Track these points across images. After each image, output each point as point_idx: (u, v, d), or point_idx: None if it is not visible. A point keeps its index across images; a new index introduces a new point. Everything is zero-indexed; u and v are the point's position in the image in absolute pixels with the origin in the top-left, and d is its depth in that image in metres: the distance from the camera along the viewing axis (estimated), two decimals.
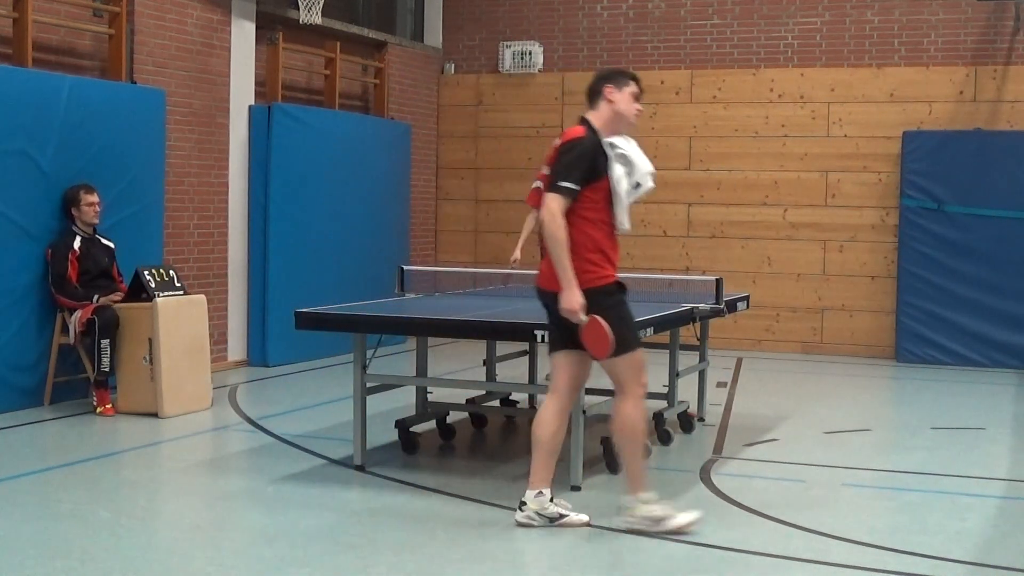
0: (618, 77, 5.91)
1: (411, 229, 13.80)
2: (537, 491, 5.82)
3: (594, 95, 5.88)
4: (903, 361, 12.46)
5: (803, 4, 13.24)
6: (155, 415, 8.53)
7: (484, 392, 8.43)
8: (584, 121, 5.85)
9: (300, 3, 11.63)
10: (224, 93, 11.06)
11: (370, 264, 12.39)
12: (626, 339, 5.67)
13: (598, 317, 5.57)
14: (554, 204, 5.59)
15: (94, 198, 8.88)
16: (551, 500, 5.85)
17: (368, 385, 7.07)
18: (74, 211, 8.85)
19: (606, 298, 5.67)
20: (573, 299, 5.57)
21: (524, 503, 5.85)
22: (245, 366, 11.32)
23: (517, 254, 9.71)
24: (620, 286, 5.78)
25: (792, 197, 13.11)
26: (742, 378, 10.33)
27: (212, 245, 11.03)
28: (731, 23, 13.50)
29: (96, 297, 8.73)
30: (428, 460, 7.48)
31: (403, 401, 8.64)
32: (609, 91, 5.84)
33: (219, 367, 10.68)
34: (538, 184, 9.88)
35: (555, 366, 5.89)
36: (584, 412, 6.61)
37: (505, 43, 14.24)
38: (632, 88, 5.89)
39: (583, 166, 5.65)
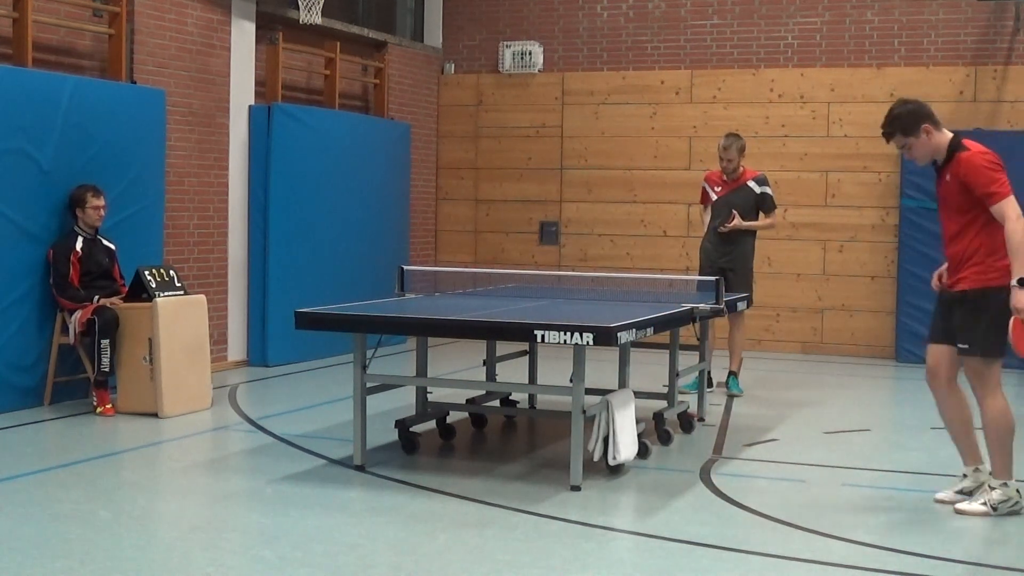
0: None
1: (411, 229, 13.80)
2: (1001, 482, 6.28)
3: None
4: (903, 361, 12.46)
5: (803, 4, 13.25)
6: (155, 415, 8.53)
7: (484, 392, 8.43)
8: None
9: (300, 3, 11.63)
10: (224, 93, 11.06)
11: (370, 264, 12.39)
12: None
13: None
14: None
15: (100, 202, 8.88)
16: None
17: (368, 385, 7.07)
18: (78, 212, 8.84)
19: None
20: None
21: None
22: (245, 366, 11.32)
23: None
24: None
25: (792, 197, 13.11)
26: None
27: (212, 245, 11.03)
28: (731, 23, 13.50)
29: (96, 298, 8.73)
30: (428, 460, 7.48)
31: (403, 401, 8.64)
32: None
33: (219, 367, 10.68)
34: (704, 185, 10.23)
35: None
36: (584, 412, 6.61)
37: (505, 43, 14.24)
38: None
39: None
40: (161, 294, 8.70)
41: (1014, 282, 5.95)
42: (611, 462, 6.89)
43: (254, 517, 6.14)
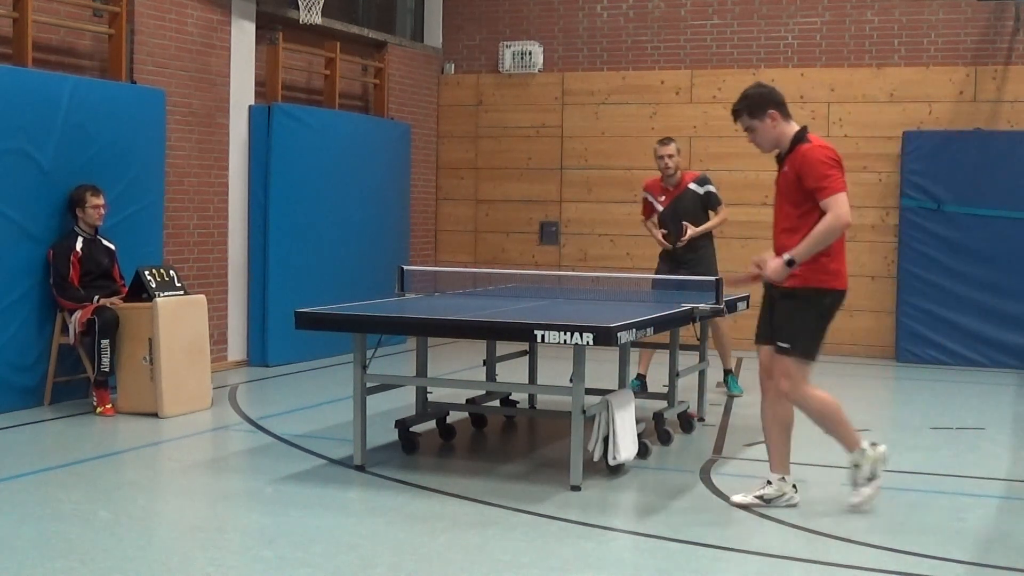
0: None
1: (411, 229, 13.80)
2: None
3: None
4: (903, 361, 12.46)
5: (803, 4, 13.25)
6: (155, 415, 8.53)
7: (484, 392, 8.43)
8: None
9: (300, 3, 11.63)
10: (224, 93, 11.06)
11: (370, 264, 12.39)
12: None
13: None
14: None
15: (100, 200, 8.88)
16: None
17: (368, 385, 7.07)
18: (79, 212, 8.84)
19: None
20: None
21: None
22: (245, 366, 11.32)
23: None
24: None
25: None
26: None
27: (212, 245, 11.03)
28: (731, 23, 13.50)
29: (96, 297, 8.73)
30: (428, 460, 7.48)
31: (403, 401, 8.64)
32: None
33: (219, 367, 10.68)
34: (646, 196, 9.96)
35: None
36: (584, 412, 6.61)
37: (505, 43, 14.24)
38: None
39: None
40: (161, 294, 8.70)
41: (786, 256, 6.01)
42: (611, 462, 6.90)
43: (254, 517, 6.14)
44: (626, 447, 6.93)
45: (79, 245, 8.80)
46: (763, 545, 5.66)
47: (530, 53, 14.09)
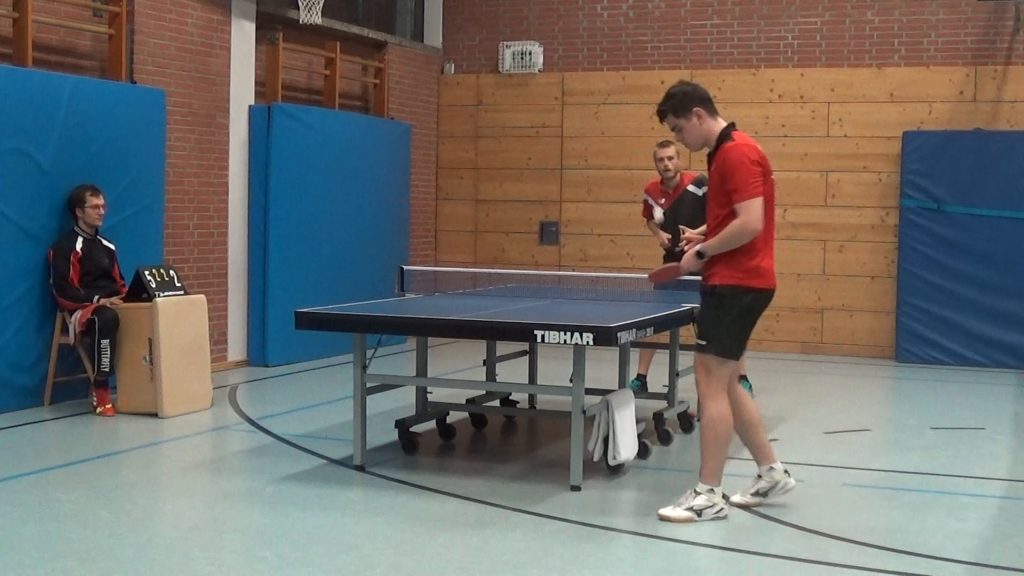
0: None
1: (411, 229, 13.80)
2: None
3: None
4: (903, 361, 12.47)
5: (803, 4, 13.25)
6: (155, 415, 8.53)
7: (484, 392, 8.43)
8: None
9: (300, 3, 11.63)
10: (224, 93, 11.06)
11: (370, 264, 12.39)
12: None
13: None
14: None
15: (100, 200, 8.88)
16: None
17: (368, 385, 7.07)
18: (78, 212, 8.84)
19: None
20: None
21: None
22: (245, 366, 11.32)
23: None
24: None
25: (792, 197, 13.10)
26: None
27: (212, 245, 11.03)
28: (731, 23, 13.50)
29: (96, 298, 8.73)
30: (428, 460, 7.48)
31: (403, 401, 8.64)
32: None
33: (219, 367, 10.68)
34: (647, 198, 9.81)
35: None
36: (584, 412, 6.61)
37: (505, 43, 14.24)
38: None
39: None
40: (161, 294, 8.70)
41: (699, 248, 6.00)
42: (611, 462, 6.90)
43: (254, 517, 6.14)
44: (626, 447, 6.93)
45: (79, 245, 8.80)
46: (763, 545, 5.66)
47: (530, 53, 14.09)
